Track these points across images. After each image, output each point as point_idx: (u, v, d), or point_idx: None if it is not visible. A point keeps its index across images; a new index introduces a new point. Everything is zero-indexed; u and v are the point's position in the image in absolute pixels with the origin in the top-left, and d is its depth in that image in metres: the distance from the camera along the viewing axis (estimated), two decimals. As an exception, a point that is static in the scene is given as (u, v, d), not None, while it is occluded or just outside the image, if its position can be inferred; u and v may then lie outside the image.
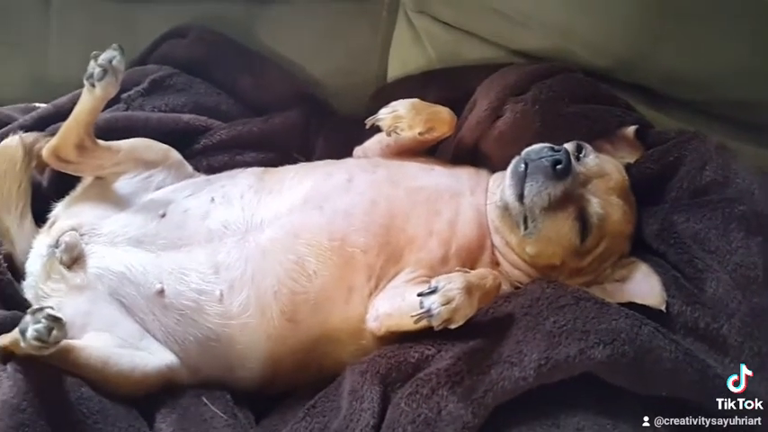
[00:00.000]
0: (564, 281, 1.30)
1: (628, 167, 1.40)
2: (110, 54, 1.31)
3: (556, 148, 1.28)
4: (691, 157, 1.37)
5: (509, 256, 1.35)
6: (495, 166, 1.46)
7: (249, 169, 1.49)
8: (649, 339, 1.15)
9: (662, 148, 1.41)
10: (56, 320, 1.06)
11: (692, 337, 1.21)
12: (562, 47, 1.57)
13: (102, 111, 1.41)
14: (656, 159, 1.41)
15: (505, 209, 1.32)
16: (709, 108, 1.57)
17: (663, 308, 1.23)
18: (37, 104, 1.73)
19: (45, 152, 1.36)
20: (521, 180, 1.28)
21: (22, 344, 1.07)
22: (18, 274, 1.34)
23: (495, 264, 1.36)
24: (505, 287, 1.32)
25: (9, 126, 1.57)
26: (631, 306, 1.23)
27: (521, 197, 1.28)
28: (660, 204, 1.38)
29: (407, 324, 1.19)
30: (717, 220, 1.28)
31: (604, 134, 1.45)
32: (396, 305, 1.25)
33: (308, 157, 1.68)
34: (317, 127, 1.77)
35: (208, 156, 1.61)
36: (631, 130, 1.45)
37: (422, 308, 1.14)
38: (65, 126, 1.36)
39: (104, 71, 1.30)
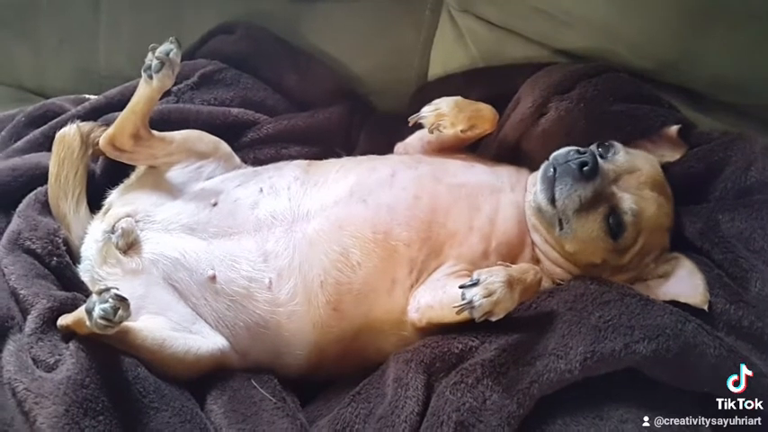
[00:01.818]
0: (607, 278, 1.31)
1: (670, 166, 1.41)
2: (167, 47, 1.33)
3: (581, 150, 1.30)
4: (736, 158, 1.37)
5: (550, 254, 1.37)
6: (538, 164, 1.44)
7: (295, 161, 1.52)
8: (693, 335, 1.16)
9: (706, 148, 1.42)
10: (122, 300, 1.11)
11: (735, 335, 1.22)
12: (606, 48, 1.57)
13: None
14: (700, 158, 1.41)
15: (539, 211, 1.34)
16: (754, 111, 1.57)
17: (705, 308, 1.24)
18: (87, 95, 1.78)
19: (102, 141, 1.40)
20: (551, 184, 1.30)
21: (88, 323, 1.11)
22: (73, 257, 1.38)
23: (536, 261, 1.37)
24: (547, 284, 1.33)
25: (64, 115, 1.62)
26: (675, 304, 1.23)
27: (552, 200, 1.30)
28: (704, 204, 1.39)
29: (448, 316, 1.22)
30: (762, 220, 1.29)
31: (648, 133, 1.45)
32: (437, 297, 1.28)
33: (350, 152, 1.71)
34: (359, 123, 1.80)
35: (254, 148, 1.65)
36: (675, 129, 1.45)
37: (463, 299, 1.16)
38: (121, 116, 1.39)
39: (161, 63, 1.32)
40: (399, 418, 1.14)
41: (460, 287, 1.18)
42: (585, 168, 1.27)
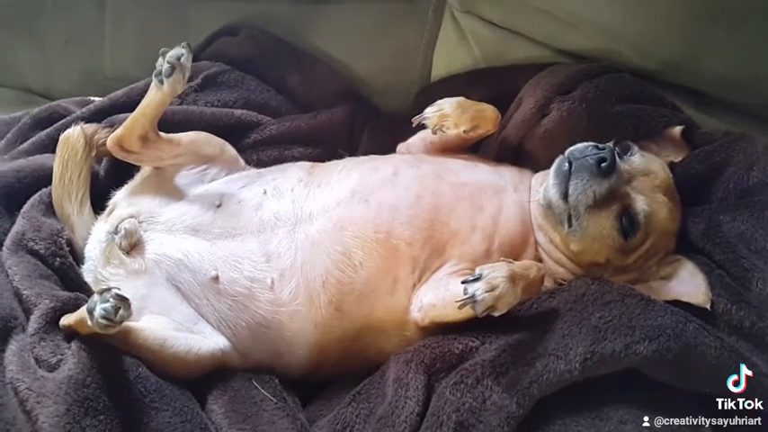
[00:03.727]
0: (609, 278, 1.30)
1: (673, 166, 1.41)
2: (178, 51, 1.33)
3: (600, 146, 1.29)
4: (738, 158, 1.36)
5: (553, 254, 1.37)
6: (540, 164, 1.46)
7: (298, 163, 1.52)
8: (694, 336, 1.15)
9: (709, 149, 1.41)
10: (122, 300, 1.11)
11: (737, 335, 1.21)
12: (609, 48, 1.57)
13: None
14: (702, 159, 1.40)
15: (549, 207, 1.33)
16: (757, 111, 1.56)
17: (708, 306, 1.23)
18: (92, 98, 1.79)
19: (109, 141, 1.40)
20: (565, 178, 1.29)
21: (89, 322, 1.11)
22: (77, 258, 1.39)
23: (539, 261, 1.37)
24: (549, 284, 1.33)
25: (69, 117, 1.63)
26: (676, 304, 1.23)
27: (565, 195, 1.30)
28: (706, 204, 1.38)
29: (451, 314, 1.22)
30: (763, 220, 1.28)
31: (650, 134, 1.45)
32: (440, 295, 1.28)
33: (353, 153, 1.70)
34: (361, 124, 1.81)
35: (258, 150, 1.66)
36: (678, 129, 1.45)
37: (466, 294, 1.17)
38: (131, 118, 1.39)
39: (172, 68, 1.32)
40: (399, 419, 1.15)
41: (463, 282, 1.18)
42: (604, 165, 1.26)
